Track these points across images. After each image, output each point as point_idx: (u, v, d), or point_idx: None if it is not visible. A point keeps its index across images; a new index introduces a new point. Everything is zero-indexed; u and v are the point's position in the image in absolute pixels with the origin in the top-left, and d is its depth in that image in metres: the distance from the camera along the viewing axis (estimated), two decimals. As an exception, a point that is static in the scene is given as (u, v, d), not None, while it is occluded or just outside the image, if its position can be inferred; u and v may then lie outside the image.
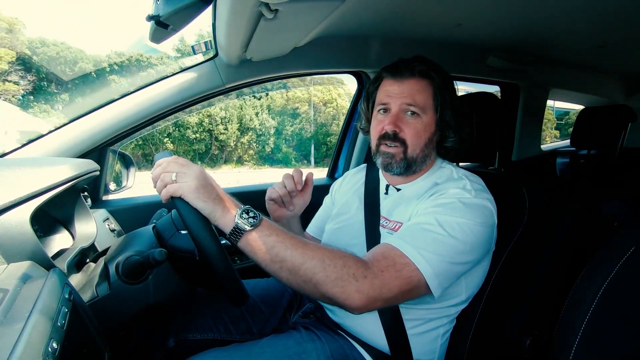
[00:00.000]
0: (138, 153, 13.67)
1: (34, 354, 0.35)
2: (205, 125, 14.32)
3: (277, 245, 0.59)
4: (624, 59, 1.66)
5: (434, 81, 0.78)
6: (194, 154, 14.34)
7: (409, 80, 0.78)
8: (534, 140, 1.89)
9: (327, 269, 0.59)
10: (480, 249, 0.70)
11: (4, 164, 0.63)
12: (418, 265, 0.63)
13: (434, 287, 0.64)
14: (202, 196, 0.58)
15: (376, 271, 0.61)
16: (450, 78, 0.82)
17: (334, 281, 0.59)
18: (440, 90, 0.78)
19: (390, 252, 0.65)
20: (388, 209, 0.83)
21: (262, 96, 15.56)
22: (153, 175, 0.61)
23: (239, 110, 14.80)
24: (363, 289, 0.59)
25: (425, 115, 0.78)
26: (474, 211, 0.69)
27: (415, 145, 0.78)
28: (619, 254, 0.56)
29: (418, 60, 0.80)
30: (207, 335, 0.86)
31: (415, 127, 0.78)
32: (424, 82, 0.78)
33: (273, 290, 0.98)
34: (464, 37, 1.28)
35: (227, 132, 14.53)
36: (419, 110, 0.77)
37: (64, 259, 0.67)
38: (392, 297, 0.63)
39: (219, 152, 14.87)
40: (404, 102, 0.78)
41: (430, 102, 0.78)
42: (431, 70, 0.79)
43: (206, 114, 14.21)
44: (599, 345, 0.54)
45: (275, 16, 0.78)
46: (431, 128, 0.79)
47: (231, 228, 0.59)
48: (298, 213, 0.91)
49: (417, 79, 0.78)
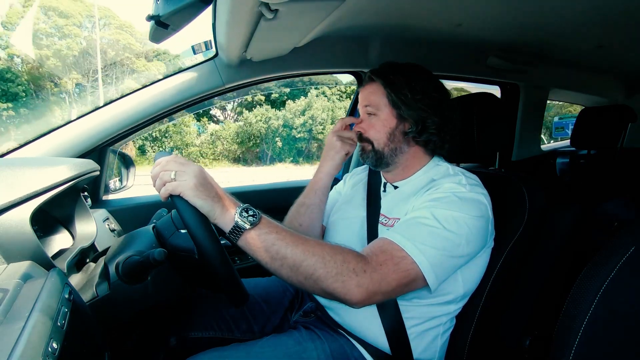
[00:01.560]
0: (256, 150, 15.94)
1: (34, 354, 0.35)
2: (307, 126, 15.88)
3: (277, 242, 0.60)
4: (624, 59, 1.65)
5: (385, 81, 0.84)
6: (296, 150, 16.25)
7: (366, 86, 0.88)
8: (534, 141, 1.89)
9: (327, 265, 0.60)
10: (476, 243, 0.70)
11: (4, 164, 0.63)
12: (415, 258, 0.64)
13: (430, 279, 0.65)
14: (201, 194, 0.59)
15: (375, 265, 0.62)
16: (415, 74, 0.85)
17: (335, 276, 0.60)
18: (392, 88, 0.83)
19: (388, 246, 0.66)
20: (387, 206, 0.85)
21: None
22: (152, 173, 0.61)
23: (331, 112, 16.21)
24: (363, 283, 0.60)
25: (381, 112, 0.84)
26: (469, 205, 0.70)
27: (378, 139, 0.85)
28: (619, 254, 0.56)
29: (380, 65, 0.88)
30: (208, 334, 0.87)
31: (374, 125, 0.86)
32: (374, 84, 0.86)
33: (274, 289, 0.98)
34: (464, 37, 1.28)
35: (324, 132, 15.90)
36: (373, 109, 0.85)
37: (64, 259, 0.67)
38: (390, 291, 0.64)
39: (315, 150, 16.43)
40: (363, 105, 0.88)
41: (383, 100, 0.84)
42: (378, 73, 0.86)
43: (309, 116, 15.76)
44: (599, 345, 0.54)
45: (275, 16, 0.78)
46: (390, 123, 0.84)
47: (231, 227, 0.59)
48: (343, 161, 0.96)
49: (370, 83, 0.87)
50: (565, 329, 0.58)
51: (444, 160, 0.88)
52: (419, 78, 0.85)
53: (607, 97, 2.15)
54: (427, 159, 0.87)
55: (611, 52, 1.48)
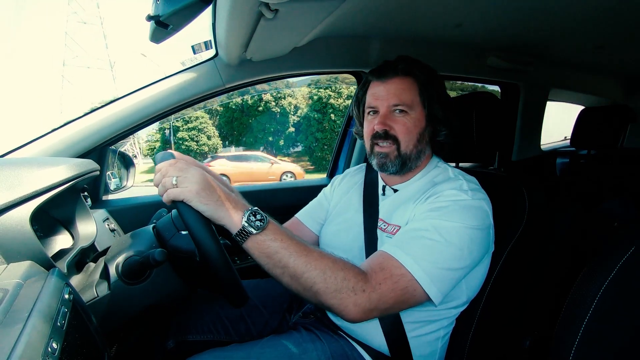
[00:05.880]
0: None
1: (34, 354, 0.35)
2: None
3: (281, 251, 0.60)
4: (623, 59, 1.66)
5: (417, 78, 0.80)
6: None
7: (393, 80, 0.80)
8: (534, 140, 1.89)
9: (327, 280, 0.60)
10: (479, 252, 0.70)
11: (4, 164, 0.63)
12: (415, 275, 0.63)
13: (433, 294, 0.64)
14: (204, 199, 0.58)
15: (374, 284, 0.62)
16: (435, 74, 0.83)
17: (333, 292, 0.60)
18: (425, 85, 0.80)
19: (388, 262, 0.65)
20: (386, 210, 0.83)
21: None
22: (154, 181, 0.61)
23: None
24: (360, 303, 0.60)
25: (413, 111, 0.79)
26: (471, 214, 0.69)
27: (407, 141, 0.79)
28: (619, 254, 0.56)
29: (401, 59, 0.82)
30: (206, 337, 0.86)
31: (405, 124, 0.79)
32: (407, 79, 0.80)
33: (273, 292, 0.98)
34: (464, 37, 1.28)
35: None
36: (406, 107, 0.79)
37: (64, 259, 0.67)
38: (388, 308, 0.64)
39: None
40: (390, 102, 0.80)
41: (417, 99, 0.80)
42: (414, 68, 0.80)
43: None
44: (599, 345, 0.54)
45: (275, 16, 0.78)
46: (421, 123, 0.80)
47: (237, 230, 0.59)
48: None
49: (401, 77, 0.80)
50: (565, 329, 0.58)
51: (442, 161, 0.87)
52: (437, 77, 0.83)
53: (607, 97, 2.15)
54: (428, 160, 0.86)
55: (611, 52, 1.48)
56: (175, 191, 0.58)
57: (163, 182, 0.59)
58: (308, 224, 0.99)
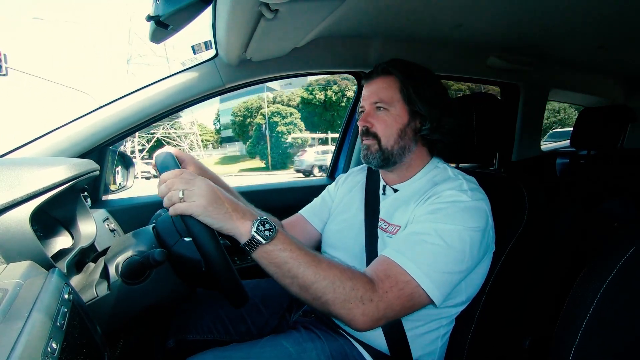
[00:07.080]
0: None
1: (34, 354, 0.35)
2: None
3: (291, 261, 0.60)
4: (623, 59, 1.66)
5: (397, 76, 0.82)
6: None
7: (375, 80, 0.85)
8: (534, 141, 1.89)
9: (336, 290, 0.60)
10: (479, 253, 0.70)
11: (4, 164, 0.63)
12: (419, 281, 0.64)
13: (436, 298, 0.65)
14: (212, 213, 0.58)
15: (381, 293, 0.62)
16: (421, 72, 0.84)
17: (342, 303, 0.60)
18: (405, 83, 0.81)
19: (392, 269, 0.65)
20: (387, 210, 0.83)
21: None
22: (159, 192, 0.60)
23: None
24: (368, 313, 0.61)
25: (394, 107, 0.82)
26: (471, 216, 0.69)
27: (387, 136, 0.82)
28: (619, 254, 0.56)
29: (388, 61, 0.85)
30: (206, 336, 0.86)
31: (385, 120, 0.82)
32: (388, 78, 0.83)
33: (273, 292, 0.97)
34: (464, 37, 1.28)
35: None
36: (385, 104, 0.82)
37: (64, 259, 0.67)
38: (394, 315, 0.65)
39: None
40: (372, 100, 0.84)
41: (397, 95, 0.82)
42: (393, 67, 0.83)
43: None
44: (599, 345, 0.54)
45: (275, 16, 0.78)
46: (402, 119, 0.82)
47: (246, 240, 0.59)
48: None
49: (382, 77, 0.84)
50: (565, 329, 0.58)
51: (443, 161, 0.88)
52: (430, 77, 0.84)
53: (607, 97, 2.15)
54: (427, 160, 0.86)
55: (611, 52, 1.48)
56: (182, 206, 0.57)
57: (169, 196, 0.58)
58: (312, 221, 1.00)
